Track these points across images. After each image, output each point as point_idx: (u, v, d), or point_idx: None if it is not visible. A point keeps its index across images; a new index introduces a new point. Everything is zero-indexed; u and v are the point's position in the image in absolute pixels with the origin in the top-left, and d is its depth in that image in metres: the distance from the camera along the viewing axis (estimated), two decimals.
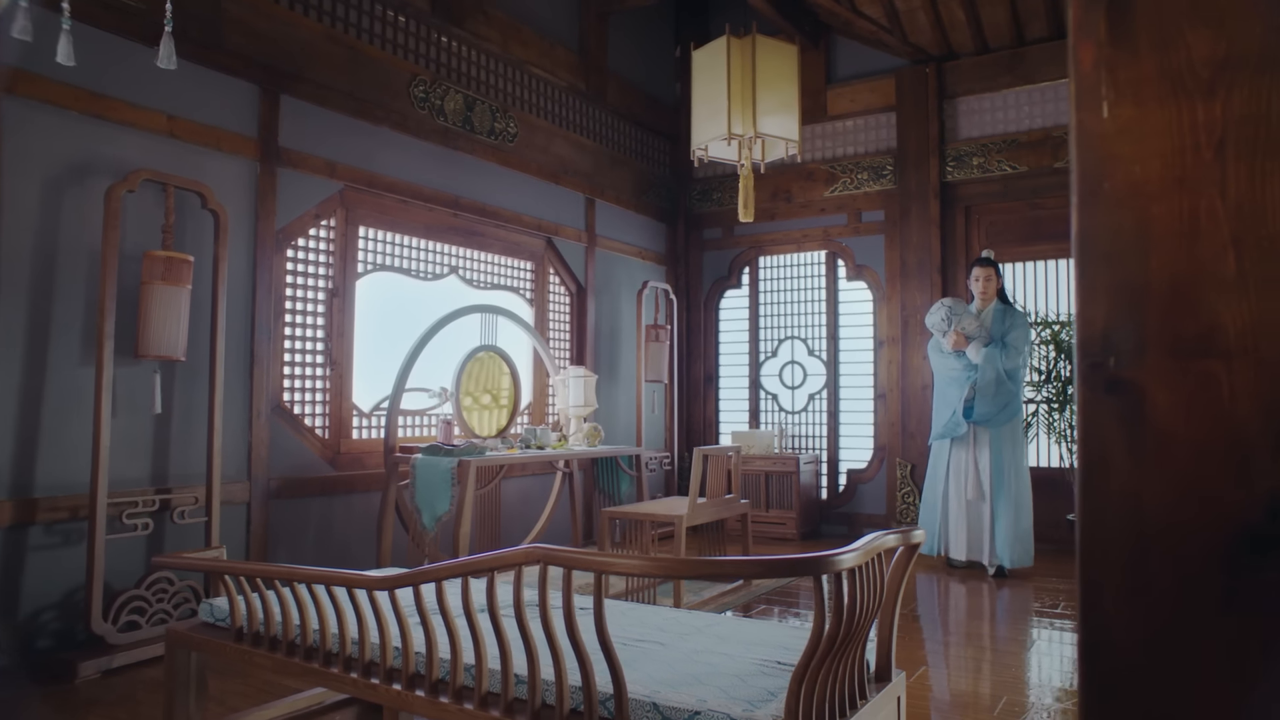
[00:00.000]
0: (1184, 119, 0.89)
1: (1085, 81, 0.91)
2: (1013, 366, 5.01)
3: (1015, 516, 4.94)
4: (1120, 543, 0.89)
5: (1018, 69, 6.09)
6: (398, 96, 4.77)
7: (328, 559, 4.33)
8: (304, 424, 4.31)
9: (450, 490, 4.06)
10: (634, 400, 6.72)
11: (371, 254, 4.68)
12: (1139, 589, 0.87)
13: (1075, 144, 0.93)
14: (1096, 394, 0.89)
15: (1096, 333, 0.89)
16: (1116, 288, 0.87)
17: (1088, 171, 0.89)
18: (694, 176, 7.45)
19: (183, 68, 3.73)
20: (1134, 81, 0.87)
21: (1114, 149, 0.87)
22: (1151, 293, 0.86)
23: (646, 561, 1.52)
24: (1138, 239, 0.87)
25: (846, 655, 1.71)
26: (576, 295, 6.31)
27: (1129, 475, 0.88)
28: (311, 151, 4.31)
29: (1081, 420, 0.90)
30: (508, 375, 5.21)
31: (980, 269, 5.24)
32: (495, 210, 5.44)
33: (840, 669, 1.70)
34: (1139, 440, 0.87)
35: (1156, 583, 0.86)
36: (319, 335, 4.40)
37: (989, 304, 5.21)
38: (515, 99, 5.69)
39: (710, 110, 4.19)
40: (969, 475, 5.09)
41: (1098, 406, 0.89)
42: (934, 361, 5.35)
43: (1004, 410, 5.00)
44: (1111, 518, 0.88)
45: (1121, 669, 0.87)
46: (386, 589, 1.87)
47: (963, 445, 5.13)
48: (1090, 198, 0.89)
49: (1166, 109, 0.89)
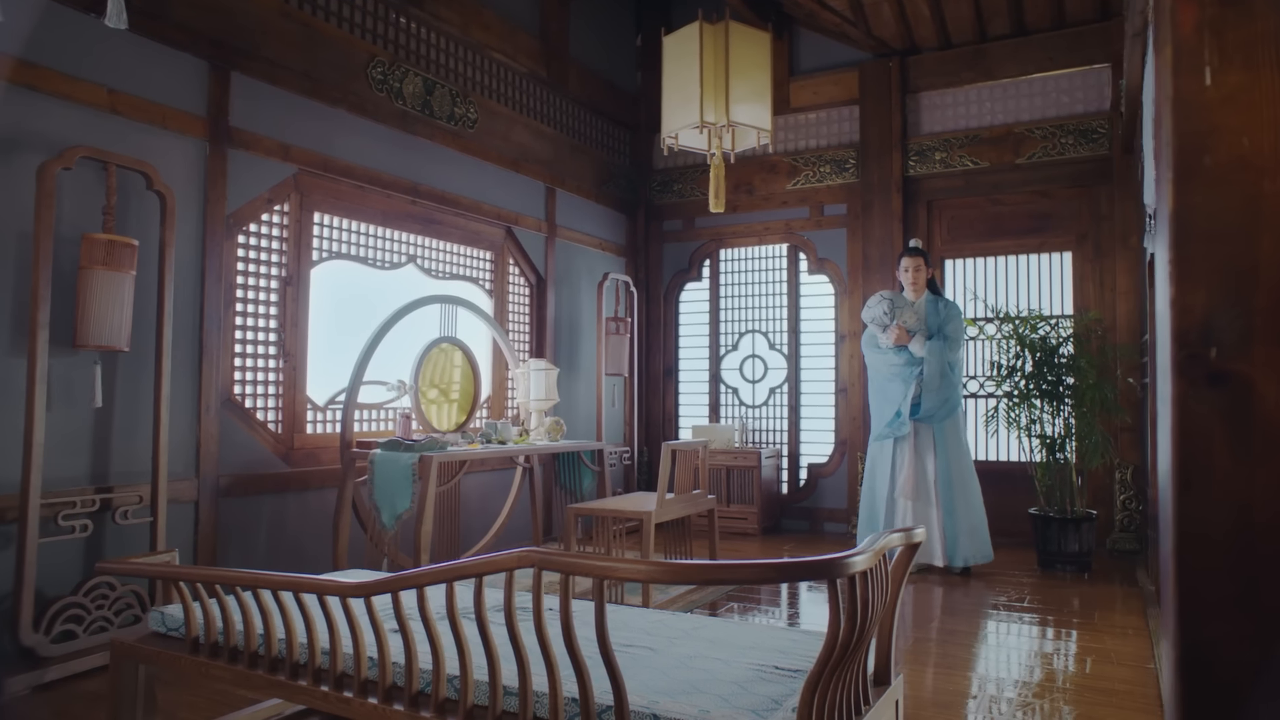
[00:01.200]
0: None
1: (1185, 45, 0.82)
2: (955, 359, 4.95)
3: (967, 513, 4.85)
4: (1224, 552, 0.81)
5: (980, 65, 6.12)
6: (355, 77, 4.57)
7: (281, 559, 4.14)
8: (256, 418, 4.11)
9: (411, 487, 3.91)
10: (594, 394, 6.62)
11: (327, 241, 4.49)
12: (1246, 603, 0.80)
13: (1170, 115, 0.84)
14: (1196, 388, 0.81)
15: (1196, 321, 0.81)
16: (1219, 271, 0.80)
17: (1186, 145, 0.81)
18: (654, 167, 7.35)
19: (125, 39, 3.50)
20: (1245, 43, 0.79)
21: (1218, 119, 0.80)
22: (1261, 277, 0.79)
23: (654, 566, 1.42)
24: (1245, 218, 0.79)
25: (854, 660, 1.64)
26: (536, 286, 6.17)
27: (1234, 477, 0.80)
28: (264, 133, 4.11)
29: (1177, 417, 0.82)
30: (468, 368, 5.05)
31: (909, 258, 5.09)
32: (454, 198, 5.28)
33: (847, 675, 1.63)
34: (1245, 439, 0.80)
35: (1267, 597, 0.79)
36: (272, 325, 4.20)
37: (921, 295, 5.09)
38: (475, 84, 5.52)
39: (682, 97, 4.09)
40: (912, 475, 4.92)
41: (1197, 402, 0.81)
42: (870, 358, 5.19)
43: (946, 404, 4.91)
44: (1214, 524, 0.81)
45: (1226, 690, 0.79)
46: (363, 596, 1.74)
47: (905, 444, 4.97)
48: (1188, 174, 0.81)
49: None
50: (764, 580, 1.44)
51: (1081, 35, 5.81)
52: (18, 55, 3.18)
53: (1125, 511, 5.51)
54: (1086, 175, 5.79)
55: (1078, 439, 5.03)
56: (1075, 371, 5.08)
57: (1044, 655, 3.45)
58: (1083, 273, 5.86)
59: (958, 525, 4.85)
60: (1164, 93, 0.88)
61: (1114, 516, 5.54)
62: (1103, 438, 4.98)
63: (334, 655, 1.83)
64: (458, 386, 4.96)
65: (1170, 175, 0.85)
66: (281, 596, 1.89)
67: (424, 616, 1.67)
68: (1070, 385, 5.09)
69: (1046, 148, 5.86)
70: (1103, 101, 5.76)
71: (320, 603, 1.80)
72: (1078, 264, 5.89)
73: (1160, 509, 1.04)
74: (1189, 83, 0.84)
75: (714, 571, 1.43)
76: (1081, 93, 5.85)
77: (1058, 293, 5.97)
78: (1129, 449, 5.49)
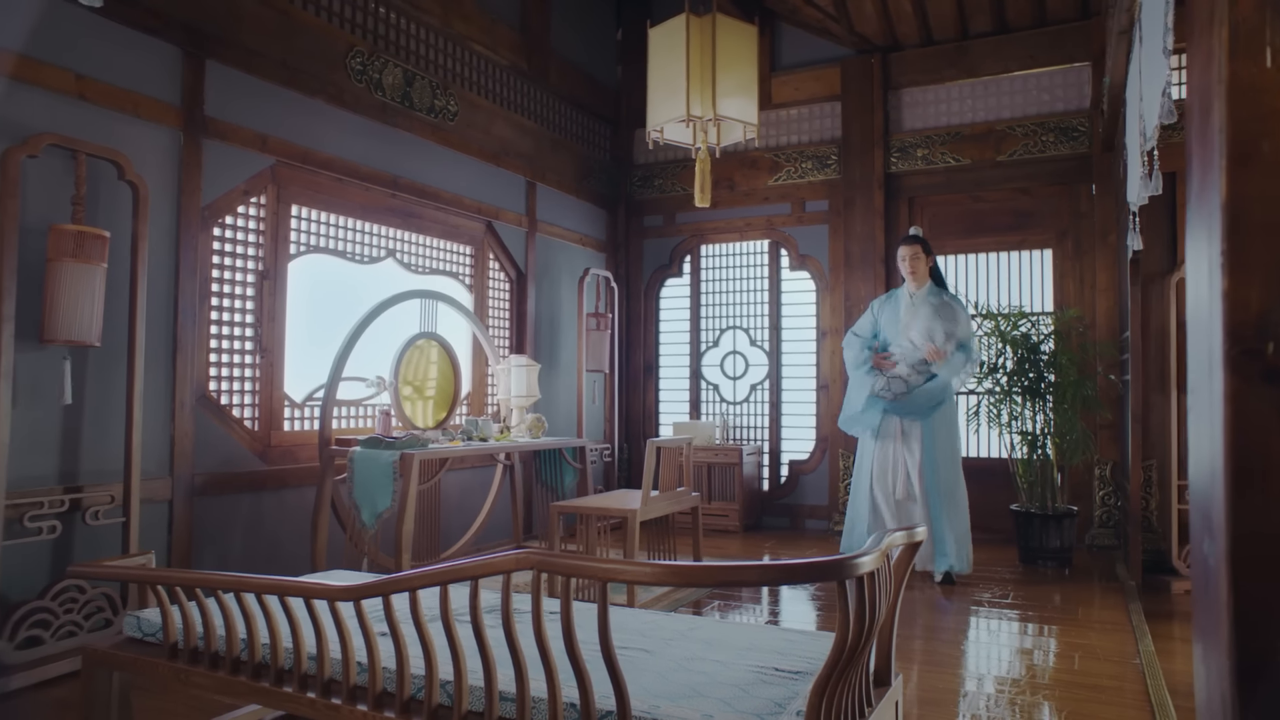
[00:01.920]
0: None
1: (1245, 26, 0.79)
2: (972, 363, 4.67)
3: (955, 519, 4.59)
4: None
5: (961, 62, 6.13)
6: (334, 68, 4.48)
7: (257, 559, 4.05)
8: (232, 415, 4.01)
9: (392, 485, 3.84)
10: (574, 390, 6.56)
11: (305, 234, 4.39)
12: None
13: (1224, 99, 0.81)
14: (1251, 385, 0.78)
15: (1251, 315, 0.78)
16: (1277, 264, 0.77)
17: (1241, 131, 0.78)
18: (635, 162, 7.30)
19: (94, 23, 3.40)
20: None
21: (1278, 104, 0.76)
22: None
23: (661, 569, 1.38)
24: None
25: (859, 662, 1.61)
26: (516, 281, 6.10)
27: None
28: (240, 123, 4.00)
29: (1231, 415, 0.78)
30: (448, 364, 4.98)
31: (906, 247, 4.78)
32: (435, 191, 5.19)
33: (852, 676, 1.59)
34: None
35: None
36: (248, 320, 4.10)
37: (922, 285, 4.78)
38: (456, 76, 5.44)
39: (668, 91, 4.05)
40: (898, 473, 4.67)
41: (1253, 399, 0.78)
42: (848, 356, 5.02)
43: (934, 402, 4.66)
44: (1273, 524, 0.78)
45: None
46: (352, 600, 1.68)
47: (890, 438, 4.72)
48: (1244, 161, 0.77)
49: None
50: (774, 582, 1.40)
51: (1062, 33, 5.84)
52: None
53: (1104, 507, 5.55)
54: (1067, 173, 5.82)
55: (1059, 435, 5.05)
56: (1056, 368, 5.11)
57: (1031, 652, 3.46)
58: (1063, 270, 5.89)
59: (944, 531, 4.59)
60: (1216, 76, 0.84)
61: (1093, 512, 5.58)
62: (1084, 434, 5.01)
63: (321, 660, 1.77)
64: (437, 383, 4.88)
65: (1224, 163, 0.81)
66: (266, 600, 1.82)
67: (416, 620, 1.61)
68: (1051, 382, 5.11)
69: (1027, 145, 5.89)
70: (1083, 100, 5.79)
71: (307, 606, 1.74)
72: (1058, 261, 5.92)
73: (1197, 509, 1.01)
74: (1247, 66, 0.80)
75: (723, 574, 1.38)
76: (1062, 90, 5.88)
77: (1038, 290, 6.00)
78: (1108, 445, 5.53)
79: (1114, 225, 5.52)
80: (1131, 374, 4.62)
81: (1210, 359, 0.84)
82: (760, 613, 4.21)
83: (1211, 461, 0.84)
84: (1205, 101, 0.89)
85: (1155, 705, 2.82)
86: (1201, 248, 0.91)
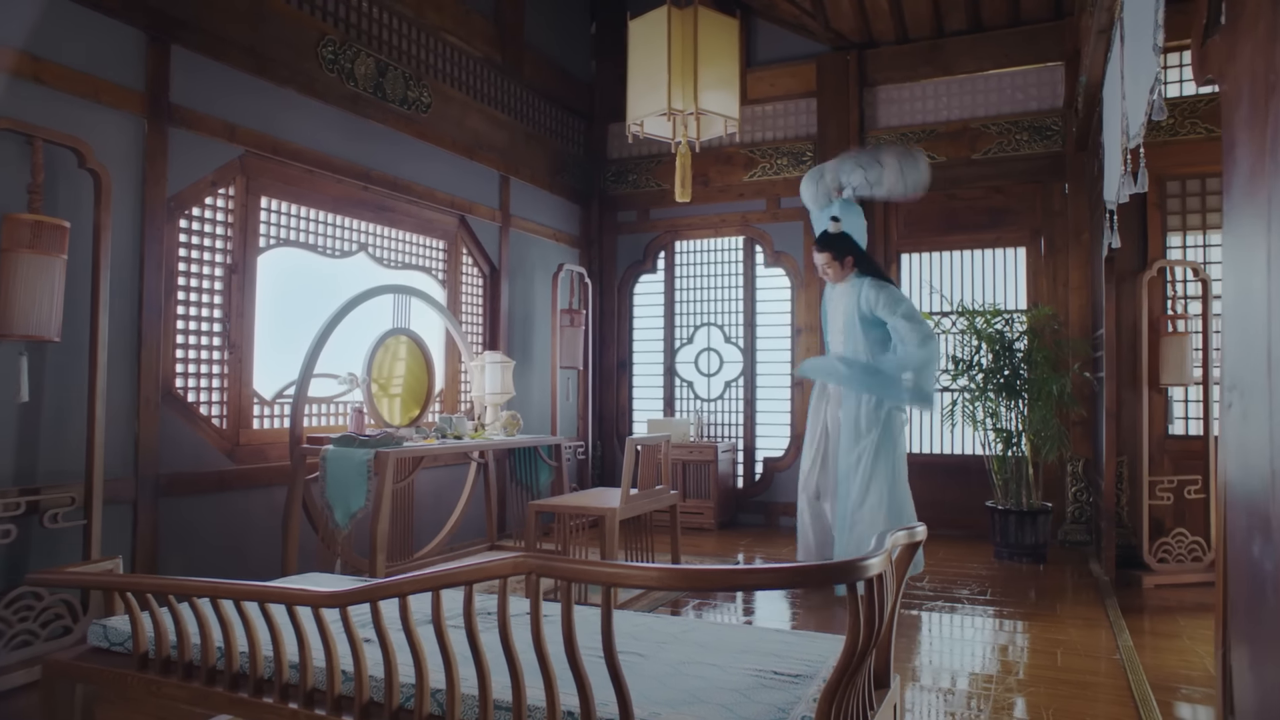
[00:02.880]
0: None
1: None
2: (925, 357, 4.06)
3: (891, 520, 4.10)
4: None
5: (937, 60, 6.15)
6: (304, 56, 4.35)
7: (226, 561, 3.93)
8: (199, 413, 3.88)
9: (366, 484, 3.74)
10: (549, 387, 6.48)
11: (274, 227, 4.27)
12: None
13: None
14: None
15: None
16: None
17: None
18: (609, 157, 7.23)
19: (54, 2, 3.26)
20: None
21: None
22: None
23: (671, 573, 1.33)
24: None
25: (865, 666, 1.57)
26: (490, 277, 6.00)
27: None
28: (208, 111, 3.87)
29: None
30: (421, 361, 4.87)
31: (816, 254, 4.44)
32: (407, 184, 5.08)
33: (859, 681, 1.55)
34: None
35: None
36: (216, 315, 3.97)
37: (844, 279, 4.40)
38: (429, 67, 5.33)
39: (648, 84, 3.99)
40: (816, 469, 4.41)
41: None
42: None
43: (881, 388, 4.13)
44: None
45: None
46: (337, 606, 1.60)
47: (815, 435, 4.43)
48: None
49: None
50: (786, 585, 1.35)
51: (1036, 33, 5.88)
52: None
53: (1076, 504, 5.60)
54: (1040, 171, 5.86)
55: (1034, 432, 5.08)
56: (1031, 365, 5.14)
57: (1013, 648, 3.46)
58: (1036, 267, 5.93)
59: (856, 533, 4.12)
60: (1267, 64, 0.80)
61: (1065, 509, 5.63)
62: (1059, 431, 5.05)
63: (304, 669, 1.69)
64: (410, 380, 4.78)
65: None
66: (244, 607, 1.73)
67: (407, 627, 1.54)
68: (1026, 379, 5.14)
69: (1002, 143, 5.92)
70: (1056, 99, 5.83)
71: (290, 614, 1.66)
72: (1031, 259, 5.96)
73: (1240, 509, 0.97)
74: None
75: (734, 578, 1.34)
76: (1036, 89, 5.92)
77: (1012, 287, 6.04)
78: (1080, 442, 5.58)
79: (1087, 224, 5.57)
80: (1106, 371, 4.66)
81: (1270, 356, 0.80)
82: (735, 611, 4.17)
83: (1272, 461, 0.80)
84: (1256, 89, 0.85)
85: (1139, 701, 2.82)
86: (1251, 240, 0.87)
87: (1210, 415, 4.74)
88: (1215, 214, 5.14)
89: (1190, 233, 5.18)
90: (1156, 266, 4.91)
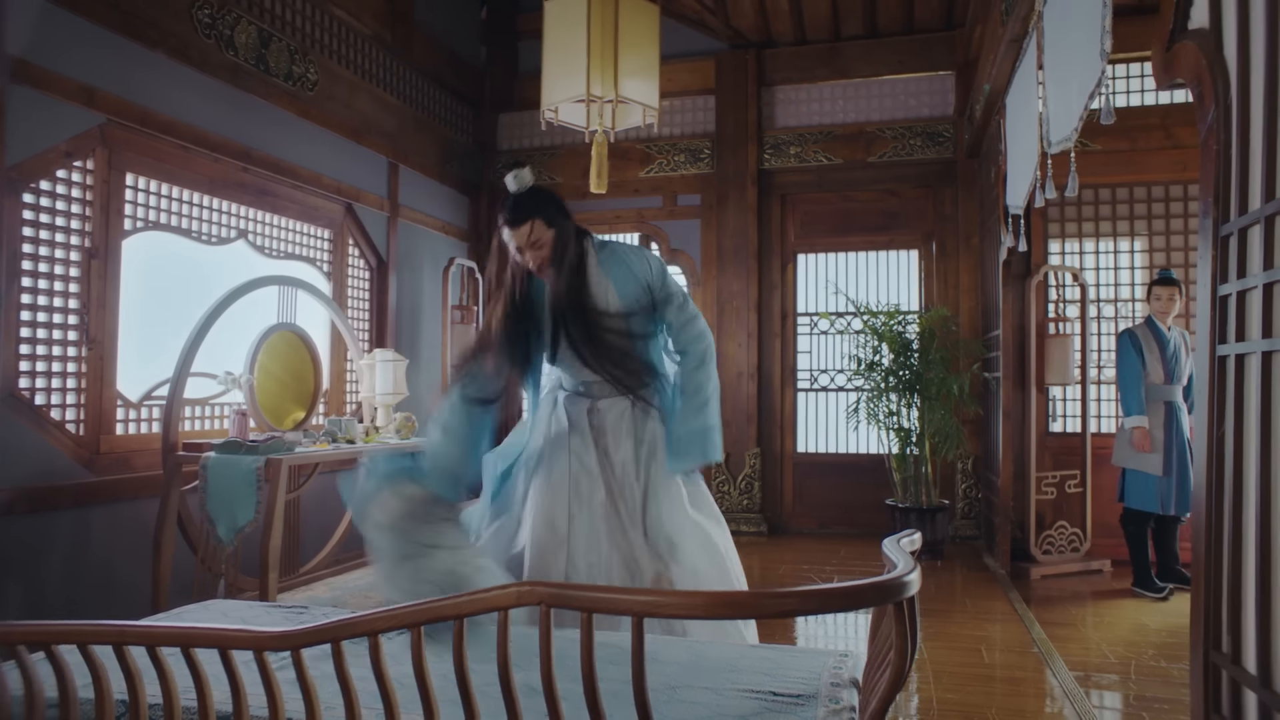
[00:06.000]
0: None
1: None
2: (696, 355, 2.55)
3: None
4: None
5: (834, 63, 6.23)
6: (178, 17, 3.89)
7: (84, 587, 3.44)
8: (49, 417, 3.38)
9: (255, 495, 3.36)
10: (439, 387, 6.14)
11: (142, 208, 3.78)
12: None
13: None
14: None
15: None
16: None
17: None
18: (499, 148, 6.95)
19: None
20: None
21: None
22: None
23: (712, 599, 1.16)
24: None
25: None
26: (377, 270, 5.62)
27: None
28: (60, 70, 3.38)
29: None
30: (308, 359, 4.48)
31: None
32: (291, 167, 4.66)
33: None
34: None
35: None
36: (71, 306, 3.47)
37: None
38: (316, 41, 4.91)
39: (565, 68, 3.79)
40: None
41: None
42: None
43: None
44: None
45: None
46: (289, 649, 1.34)
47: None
48: None
49: None
50: (828, 609, 1.21)
51: (929, 42, 6.05)
52: None
53: (966, 500, 5.79)
54: (932, 176, 6.04)
55: (933, 431, 5.20)
56: (927, 365, 5.26)
57: (939, 648, 3.47)
58: (928, 270, 6.11)
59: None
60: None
61: (955, 505, 5.81)
62: (956, 430, 5.19)
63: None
64: (295, 380, 4.38)
65: None
66: (160, 654, 1.43)
67: (379, 673, 1.30)
68: (925, 379, 5.26)
69: (896, 148, 6.06)
70: (947, 107, 6.02)
71: (224, 660, 1.38)
72: (924, 261, 6.13)
73: None
74: None
75: (780, 602, 1.18)
76: (928, 97, 6.09)
77: (905, 289, 6.19)
78: (970, 440, 5.78)
79: (977, 228, 5.77)
80: (1002, 371, 4.82)
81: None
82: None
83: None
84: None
85: (1068, 695, 2.88)
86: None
87: (1088, 413, 5.00)
88: (1090, 223, 5.43)
89: (1069, 240, 5.45)
90: (1042, 272, 5.14)
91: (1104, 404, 5.38)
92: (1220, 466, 1.80)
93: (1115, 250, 5.39)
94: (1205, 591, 1.84)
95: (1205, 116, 1.87)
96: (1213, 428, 1.82)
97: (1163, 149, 5.14)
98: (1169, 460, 4.29)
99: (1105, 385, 5.35)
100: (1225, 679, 1.77)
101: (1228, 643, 1.76)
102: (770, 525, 6.14)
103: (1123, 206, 5.37)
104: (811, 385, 6.34)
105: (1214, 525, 1.83)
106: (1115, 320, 5.35)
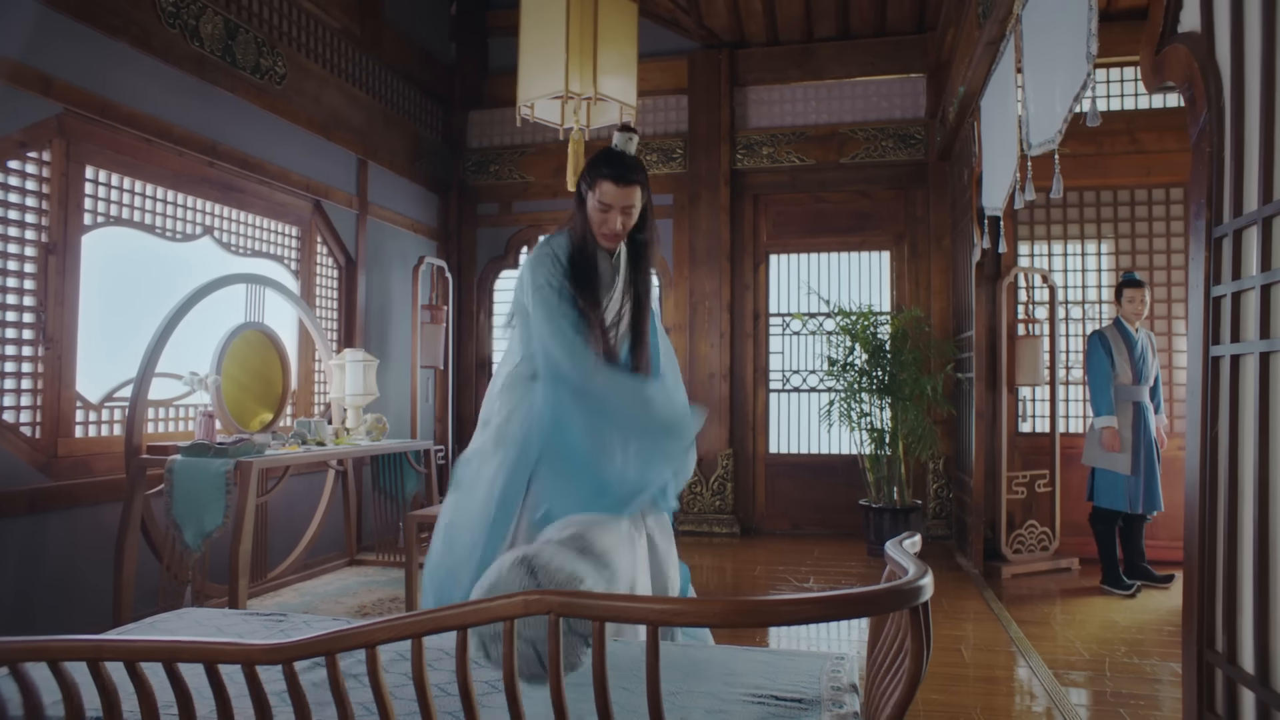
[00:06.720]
0: None
1: None
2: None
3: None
4: None
5: (807, 64, 6.24)
6: (140, 5, 3.76)
7: (42, 595, 3.31)
8: (2, 420, 3.24)
9: (224, 499, 3.26)
10: (408, 388, 6.05)
11: (103, 203, 3.65)
12: None
13: None
14: None
15: None
16: None
17: None
18: (469, 146, 6.86)
19: None
20: None
21: None
22: None
23: (730, 607, 1.12)
24: None
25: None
26: (346, 268, 5.50)
27: None
28: (12, 55, 3.24)
29: None
30: (275, 359, 4.38)
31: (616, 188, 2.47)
32: (258, 163, 4.54)
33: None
34: None
35: None
36: (27, 303, 3.33)
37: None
38: (284, 34, 4.80)
39: (543, 64, 3.73)
40: None
41: None
42: None
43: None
44: None
45: None
46: (280, 663, 1.28)
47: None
48: None
49: None
50: (846, 615, 1.18)
51: (900, 44, 6.09)
52: None
53: (938, 500, 5.84)
54: (903, 178, 6.08)
55: (906, 431, 5.23)
56: (900, 366, 5.29)
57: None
58: (900, 271, 6.14)
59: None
60: None
61: (927, 505, 5.85)
62: (929, 430, 5.22)
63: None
64: (263, 381, 4.27)
65: None
66: (140, 670, 1.36)
67: (376, 687, 1.25)
68: (898, 380, 5.29)
69: (869, 149, 6.09)
70: (918, 109, 6.07)
71: (209, 674, 1.31)
72: (895, 262, 6.17)
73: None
74: None
75: (798, 608, 1.15)
76: (900, 99, 6.13)
77: (877, 290, 6.22)
78: (942, 440, 5.82)
79: (948, 230, 5.81)
80: (975, 372, 4.86)
81: None
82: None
83: None
84: None
85: (1049, 693, 2.89)
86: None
87: (1056, 413, 5.06)
88: (1059, 225, 5.50)
89: (1038, 241, 5.51)
90: (1014, 273, 5.19)
91: (1072, 404, 5.45)
92: (1214, 466, 1.81)
93: (1083, 253, 5.46)
94: (1198, 591, 1.85)
95: (1197, 119, 1.88)
96: (1206, 427, 1.83)
97: (1128, 154, 5.22)
98: (1137, 460, 4.36)
99: (1074, 386, 5.42)
100: (1220, 677, 1.78)
101: (1223, 642, 1.76)
102: (743, 526, 6.13)
103: (1089, 210, 5.44)
104: (784, 386, 6.34)
105: (1206, 525, 1.83)
106: (1083, 321, 5.42)
